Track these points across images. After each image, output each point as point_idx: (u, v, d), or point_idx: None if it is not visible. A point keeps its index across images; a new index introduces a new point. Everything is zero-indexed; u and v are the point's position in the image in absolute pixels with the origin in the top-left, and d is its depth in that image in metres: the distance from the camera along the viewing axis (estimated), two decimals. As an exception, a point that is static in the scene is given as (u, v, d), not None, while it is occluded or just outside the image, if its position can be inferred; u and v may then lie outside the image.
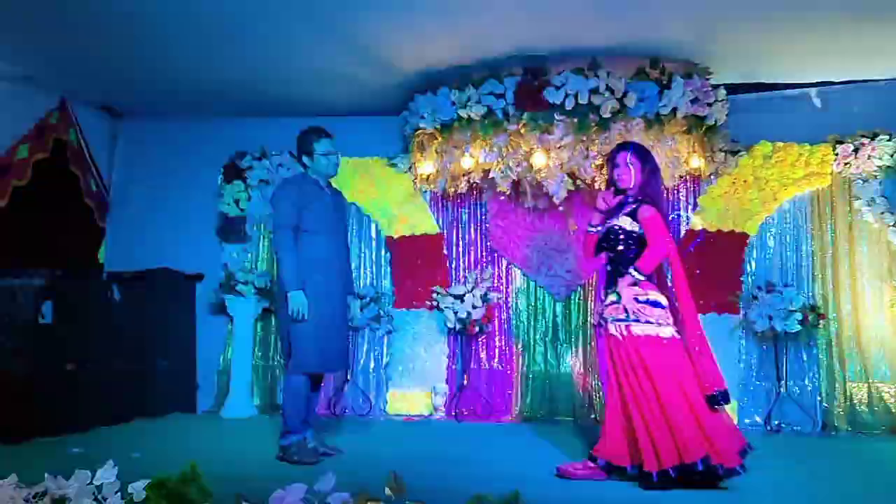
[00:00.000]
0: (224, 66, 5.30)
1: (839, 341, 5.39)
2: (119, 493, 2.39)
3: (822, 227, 5.51)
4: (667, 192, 5.53)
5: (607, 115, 4.89)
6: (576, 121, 4.92)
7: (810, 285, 5.47)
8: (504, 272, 5.97)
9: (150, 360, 5.67)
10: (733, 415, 5.31)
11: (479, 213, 5.98)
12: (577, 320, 5.80)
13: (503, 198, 5.69)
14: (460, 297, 5.63)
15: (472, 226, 6.04)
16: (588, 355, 5.71)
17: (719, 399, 3.52)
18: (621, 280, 3.66)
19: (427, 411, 5.86)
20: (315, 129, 4.25)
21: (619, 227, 3.74)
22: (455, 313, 5.60)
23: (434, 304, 5.78)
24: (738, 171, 5.54)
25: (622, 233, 3.72)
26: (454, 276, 5.97)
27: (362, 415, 5.84)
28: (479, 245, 5.99)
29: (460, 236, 6.04)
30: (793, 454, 4.45)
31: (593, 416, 5.52)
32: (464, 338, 5.82)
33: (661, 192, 3.88)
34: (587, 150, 4.99)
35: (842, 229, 5.47)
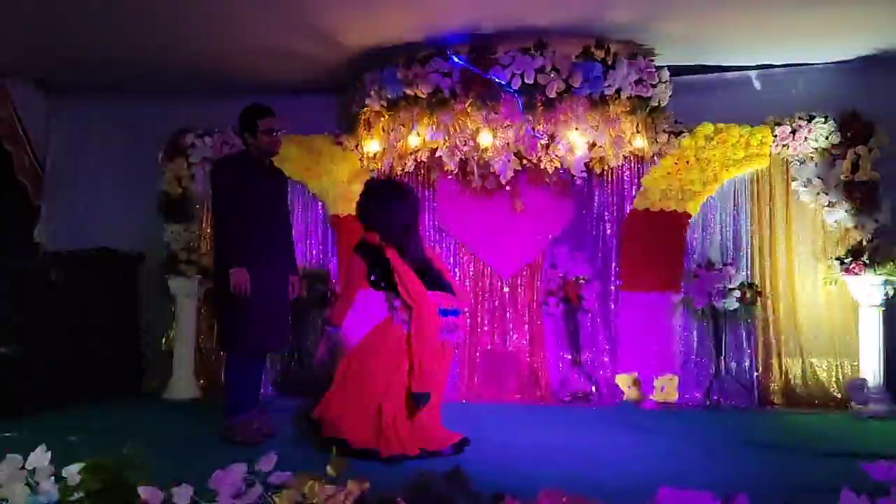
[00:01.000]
0: (166, 42, 5.17)
1: (776, 319, 5.53)
2: (52, 478, 2.35)
3: (761, 208, 5.61)
4: (612, 171, 5.64)
5: (553, 94, 4.92)
6: (522, 100, 4.94)
7: (749, 264, 5.59)
8: (452, 251, 5.97)
9: (91, 342, 5.54)
10: (674, 391, 5.47)
11: (426, 193, 5.96)
12: (524, 299, 5.85)
13: (450, 177, 5.68)
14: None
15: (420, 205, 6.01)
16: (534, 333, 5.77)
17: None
18: None
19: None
20: (257, 105, 4.18)
21: None
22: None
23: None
24: (680, 152, 5.61)
25: None
26: (401, 256, 5.93)
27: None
28: (427, 224, 5.98)
29: (408, 215, 6.00)
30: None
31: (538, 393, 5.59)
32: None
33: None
34: (533, 129, 5.02)
35: (779, 209, 5.58)
